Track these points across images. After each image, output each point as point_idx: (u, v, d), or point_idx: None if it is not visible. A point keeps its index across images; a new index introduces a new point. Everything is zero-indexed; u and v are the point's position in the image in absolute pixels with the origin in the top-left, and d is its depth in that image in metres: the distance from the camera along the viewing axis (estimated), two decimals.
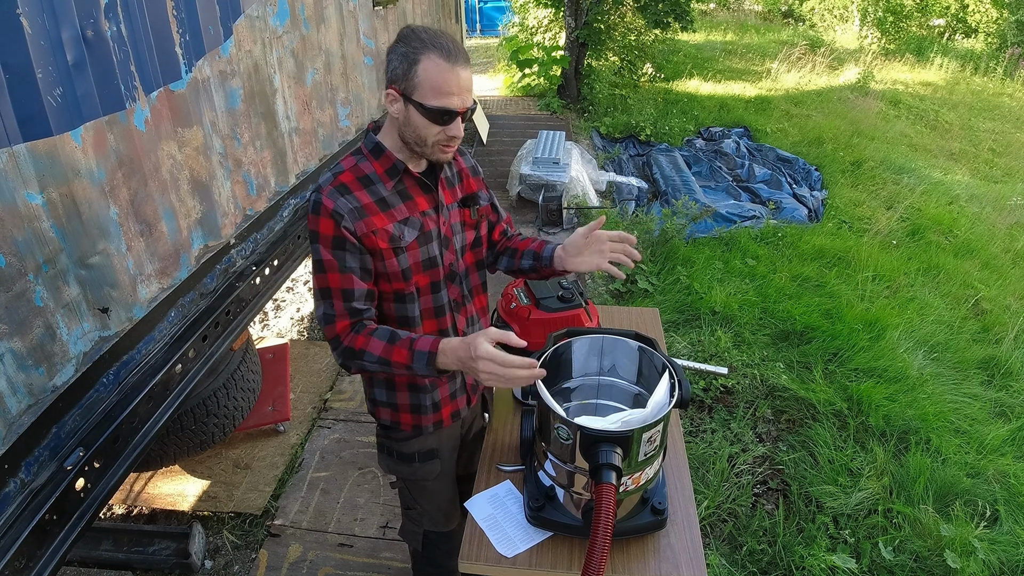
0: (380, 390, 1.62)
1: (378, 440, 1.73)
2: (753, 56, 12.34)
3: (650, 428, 1.29)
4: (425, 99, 1.31)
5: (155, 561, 2.42)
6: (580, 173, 5.99)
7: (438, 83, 1.30)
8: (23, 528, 1.31)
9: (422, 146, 1.38)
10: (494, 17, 14.91)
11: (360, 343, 1.38)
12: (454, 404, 1.67)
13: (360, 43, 3.39)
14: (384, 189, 1.42)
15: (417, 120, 1.34)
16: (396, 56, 1.33)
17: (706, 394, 3.37)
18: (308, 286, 4.52)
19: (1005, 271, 5.00)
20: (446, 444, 1.72)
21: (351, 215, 1.36)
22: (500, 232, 1.74)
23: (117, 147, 1.62)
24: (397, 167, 1.43)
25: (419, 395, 1.59)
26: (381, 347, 1.37)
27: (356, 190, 1.39)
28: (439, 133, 1.36)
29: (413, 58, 1.30)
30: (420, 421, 1.62)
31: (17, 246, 1.33)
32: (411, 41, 1.32)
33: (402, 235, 1.42)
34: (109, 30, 1.56)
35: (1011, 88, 11.50)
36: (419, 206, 1.47)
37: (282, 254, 2.50)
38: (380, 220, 1.40)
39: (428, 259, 1.48)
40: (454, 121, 1.35)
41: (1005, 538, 2.58)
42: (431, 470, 1.70)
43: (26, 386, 1.37)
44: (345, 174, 1.41)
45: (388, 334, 1.38)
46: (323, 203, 1.36)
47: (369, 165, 1.43)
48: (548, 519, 1.43)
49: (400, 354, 1.36)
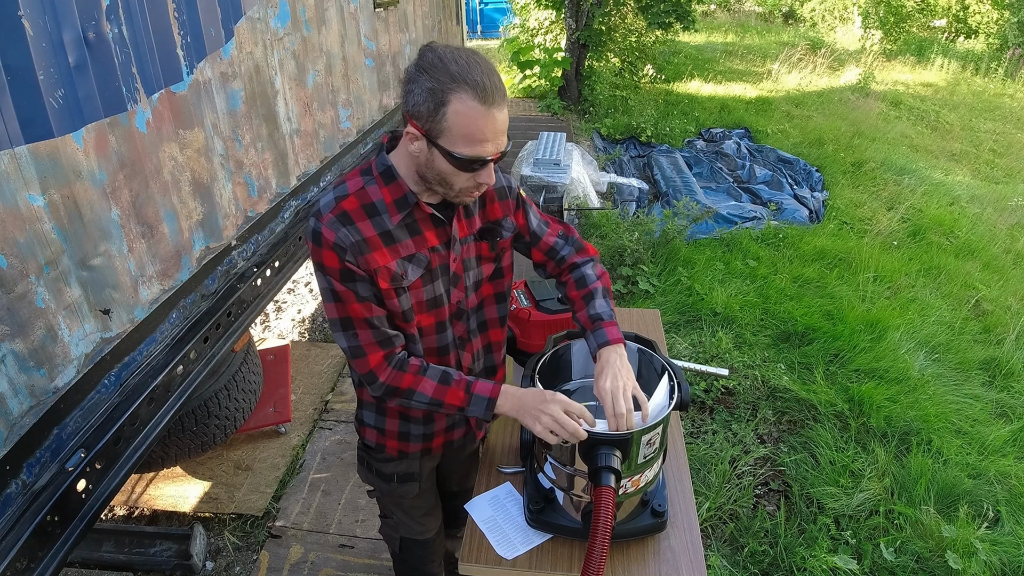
0: (369, 413, 1.55)
1: (359, 452, 1.69)
2: (754, 57, 12.35)
3: (649, 431, 1.29)
4: (454, 147, 1.14)
5: (156, 562, 2.42)
6: (581, 174, 5.99)
7: (470, 131, 1.12)
8: (24, 529, 1.31)
9: (446, 189, 1.23)
10: (495, 18, 14.92)
11: (408, 382, 1.31)
12: (448, 435, 1.59)
13: (361, 45, 3.39)
14: (390, 221, 1.26)
15: (443, 166, 1.17)
16: (420, 90, 1.12)
17: (707, 395, 3.36)
18: (309, 287, 4.52)
19: (1006, 272, 4.99)
20: (427, 466, 1.66)
21: (353, 250, 1.22)
22: (544, 254, 1.56)
23: (118, 149, 1.62)
24: (408, 200, 1.27)
25: (408, 424, 1.52)
26: (433, 388, 1.31)
27: (359, 220, 1.24)
28: (468, 180, 1.20)
29: (441, 98, 1.11)
30: (407, 448, 1.57)
31: (19, 248, 1.33)
32: (438, 73, 1.11)
33: (405, 273, 1.28)
34: (110, 32, 1.56)
35: (1012, 89, 11.49)
36: (428, 241, 1.31)
37: (283, 255, 2.50)
38: (382, 257, 1.25)
39: (432, 298, 1.35)
40: (486, 168, 1.19)
41: (1007, 539, 2.57)
42: (408, 491, 1.66)
43: (28, 387, 1.37)
44: (349, 199, 1.25)
45: (440, 374, 1.32)
46: (324, 235, 1.22)
47: (377, 191, 1.26)
48: (548, 521, 1.43)
49: (456, 396, 1.31)
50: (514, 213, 1.48)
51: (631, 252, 4.61)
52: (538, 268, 1.62)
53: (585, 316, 1.46)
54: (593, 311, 1.45)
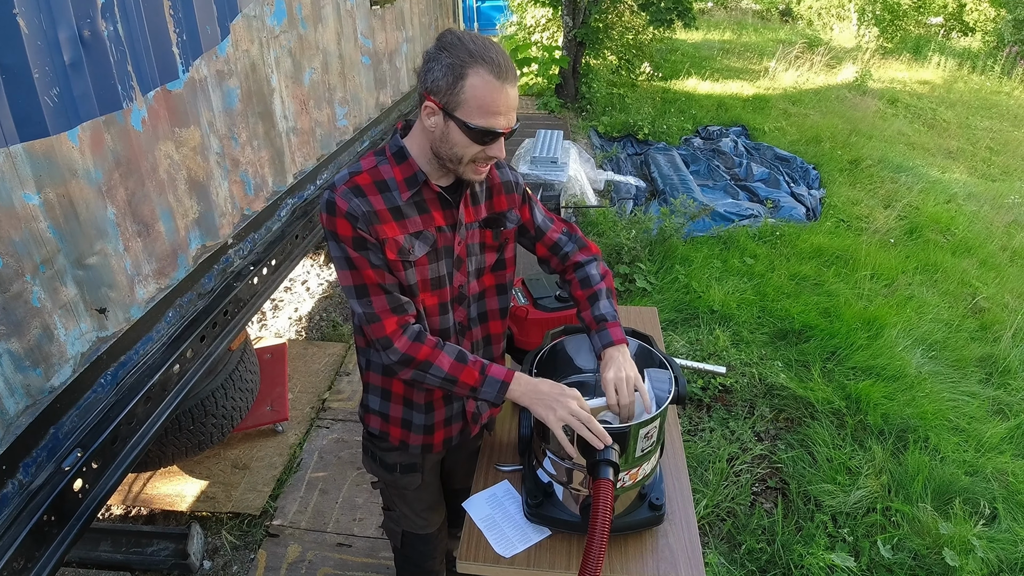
0: (374, 398, 1.58)
1: (363, 442, 1.72)
2: (751, 55, 12.35)
3: (647, 424, 1.30)
4: (470, 118, 1.23)
5: (154, 562, 2.42)
6: (578, 172, 5.99)
7: (486, 102, 1.22)
8: (21, 529, 1.30)
9: (456, 164, 1.31)
10: (492, 16, 14.86)
11: (425, 354, 1.34)
12: (447, 431, 1.61)
13: (358, 43, 3.38)
14: (399, 198, 1.34)
15: (457, 138, 1.26)
16: (440, 66, 1.22)
17: (704, 393, 3.37)
18: (306, 286, 4.52)
19: (1003, 269, 5.00)
20: (430, 459, 1.68)
21: (364, 219, 1.29)
22: (548, 249, 1.62)
23: (114, 147, 1.61)
24: (418, 178, 1.35)
25: (411, 412, 1.55)
26: (450, 364, 1.34)
27: (371, 194, 1.32)
28: (479, 153, 1.28)
29: (460, 72, 1.21)
30: (408, 438, 1.59)
31: (14, 247, 1.33)
32: (458, 51, 1.21)
33: (412, 248, 1.35)
34: (106, 30, 1.55)
35: (1008, 86, 11.51)
36: (435, 220, 1.38)
37: (280, 254, 2.49)
38: (391, 229, 1.32)
39: (436, 278, 1.41)
40: (497, 141, 1.28)
41: (1004, 536, 2.58)
42: (411, 482, 1.68)
43: (24, 387, 1.36)
44: (362, 175, 1.33)
45: (456, 352, 1.36)
46: (337, 204, 1.29)
47: (389, 169, 1.35)
48: (547, 515, 1.44)
49: (471, 375, 1.35)
50: (519, 207, 1.55)
51: (628, 250, 4.62)
52: (542, 263, 1.67)
53: (590, 316, 1.53)
54: (598, 312, 1.52)
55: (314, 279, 4.57)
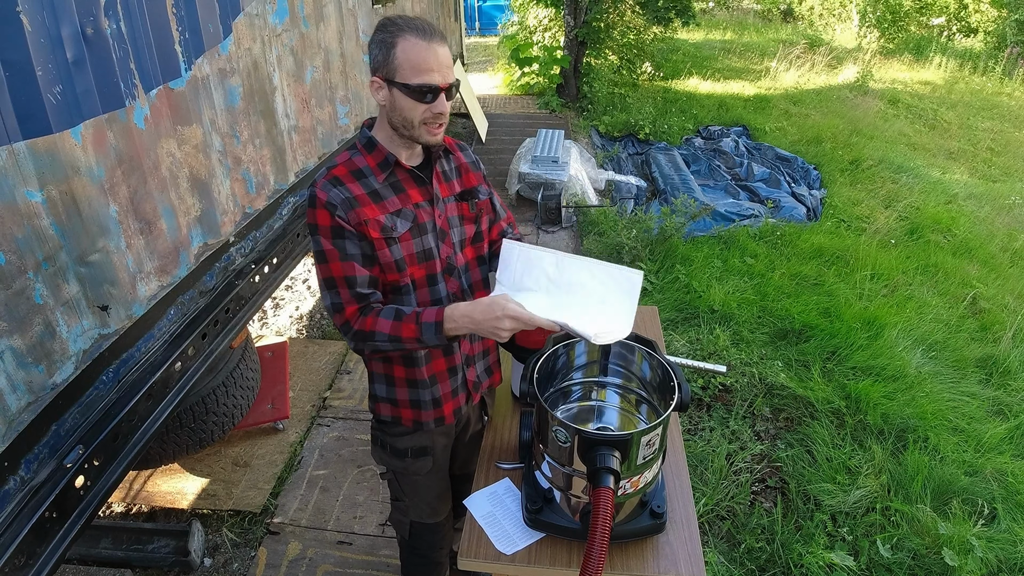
0: (380, 386, 1.64)
1: (372, 432, 1.75)
2: (752, 55, 12.35)
3: (649, 431, 1.28)
4: (407, 79, 1.34)
5: (154, 559, 2.43)
6: (579, 172, 5.99)
7: (416, 61, 1.34)
8: (23, 525, 1.31)
9: (410, 128, 1.41)
10: (493, 16, 14.89)
11: (369, 324, 1.42)
12: (455, 401, 1.67)
13: (359, 41, 3.39)
14: (375, 181, 1.45)
15: (402, 102, 1.37)
16: (375, 44, 1.38)
17: (704, 392, 3.37)
18: (307, 284, 4.52)
19: (1003, 270, 5.01)
20: (439, 441, 1.72)
21: (343, 205, 1.39)
22: (499, 231, 1.74)
23: (117, 145, 1.61)
24: (388, 160, 1.46)
25: (418, 391, 1.60)
26: (389, 325, 1.41)
27: (349, 182, 1.42)
28: (425, 111, 1.38)
29: (391, 42, 1.35)
30: (420, 417, 1.63)
31: (17, 244, 1.33)
32: (387, 28, 1.36)
33: (394, 226, 1.44)
34: (109, 28, 1.56)
35: (1010, 87, 11.50)
36: (412, 198, 1.49)
37: (281, 252, 2.50)
38: (372, 211, 1.42)
39: (423, 251, 1.50)
40: (438, 98, 1.37)
41: (1003, 536, 2.59)
42: (422, 466, 1.72)
43: (26, 384, 1.37)
44: (338, 168, 1.45)
45: (393, 312, 1.42)
46: (317, 195, 1.40)
47: (362, 159, 1.46)
48: (546, 522, 1.43)
49: (408, 329, 1.39)
50: (485, 183, 1.70)
51: (629, 249, 4.62)
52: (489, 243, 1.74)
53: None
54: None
55: (315, 277, 4.57)
